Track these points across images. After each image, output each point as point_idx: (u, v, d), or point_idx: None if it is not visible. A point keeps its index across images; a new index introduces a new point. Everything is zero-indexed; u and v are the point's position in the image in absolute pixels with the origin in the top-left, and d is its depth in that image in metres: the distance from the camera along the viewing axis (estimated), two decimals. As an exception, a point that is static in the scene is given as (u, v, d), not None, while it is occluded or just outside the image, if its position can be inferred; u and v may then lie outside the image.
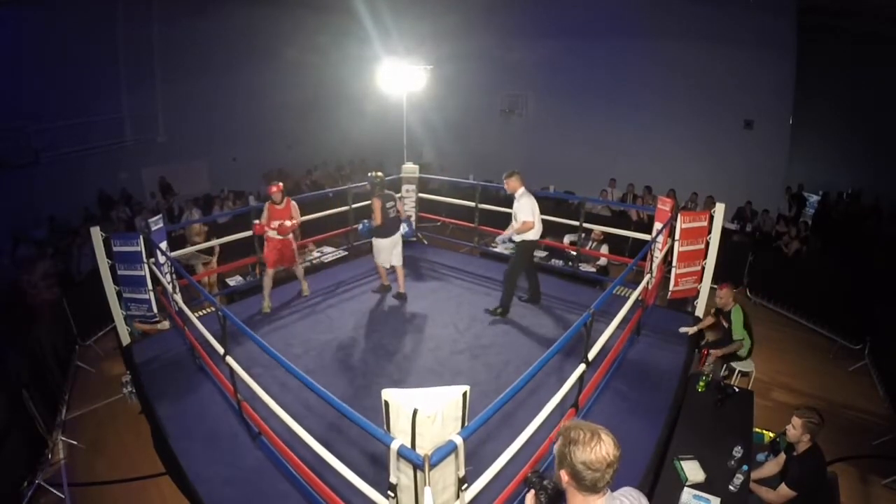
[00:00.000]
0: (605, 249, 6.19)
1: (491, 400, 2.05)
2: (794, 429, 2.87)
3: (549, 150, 11.41)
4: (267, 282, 4.99)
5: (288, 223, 4.83)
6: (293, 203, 4.98)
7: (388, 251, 4.98)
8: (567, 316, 4.86)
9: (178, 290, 4.40)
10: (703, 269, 4.59)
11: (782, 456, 3.11)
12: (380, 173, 4.95)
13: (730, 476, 2.81)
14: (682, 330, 4.48)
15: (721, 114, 9.21)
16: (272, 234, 4.82)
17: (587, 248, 6.17)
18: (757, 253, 7.24)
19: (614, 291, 4.04)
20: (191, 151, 10.55)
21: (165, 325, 4.75)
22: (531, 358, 2.46)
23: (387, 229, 4.88)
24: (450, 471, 1.81)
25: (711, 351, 4.25)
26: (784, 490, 2.81)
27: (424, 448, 1.71)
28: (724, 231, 4.63)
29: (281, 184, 4.91)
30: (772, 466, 3.16)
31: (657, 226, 4.90)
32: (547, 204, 8.21)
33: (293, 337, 4.51)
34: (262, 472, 2.94)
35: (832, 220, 8.99)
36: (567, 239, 6.37)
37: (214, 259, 5.92)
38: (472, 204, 6.29)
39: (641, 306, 4.37)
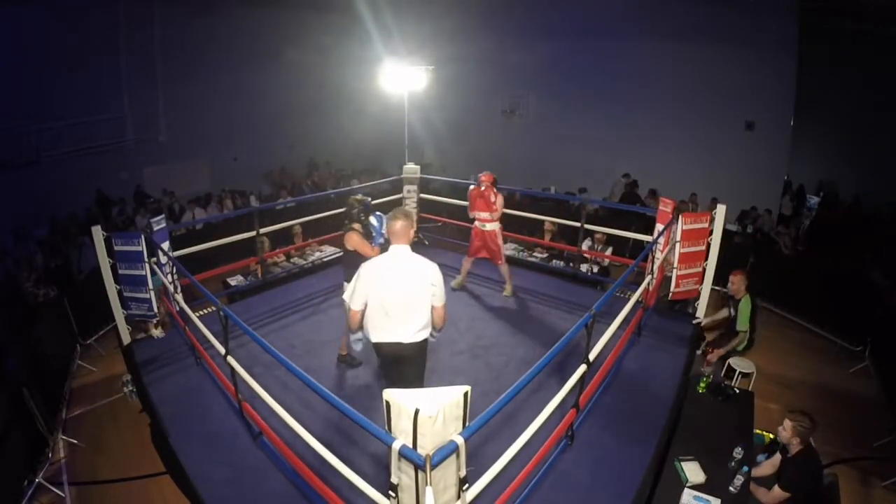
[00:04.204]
0: (609, 251, 6.18)
1: (492, 400, 2.05)
2: (785, 431, 2.90)
3: (550, 151, 11.42)
4: None
5: None
6: None
7: None
8: (568, 317, 4.86)
9: (179, 289, 4.40)
10: (704, 270, 4.59)
11: (777, 456, 3.12)
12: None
13: (730, 477, 2.81)
14: (696, 321, 4.45)
15: (722, 115, 9.21)
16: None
17: (592, 249, 6.16)
18: (757, 254, 7.24)
19: (615, 292, 4.03)
20: (192, 151, 10.55)
21: (159, 332, 4.66)
22: (532, 358, 2.46)
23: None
24: (451, 471, 1.81)
25: (713, 351, 4.23)
26: (777, 491, 2.82)
27: (426, 448, 1.71)
28: (725, 232, 4.62)
29: None
30: (767, 467, 3.17)
31: (658, 227, 4.91)
32: (548, 205, 8.29)
33: (295, 337, 4.51)
34: (262, 472, 2.94)
35: (833, 220, 8.99)
36: (585, 245, 6.20)
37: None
38: (473, 204, 6.28)
39: (642, 307, 4.37)
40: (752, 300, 4.23)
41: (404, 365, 2.84)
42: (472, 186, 5.04)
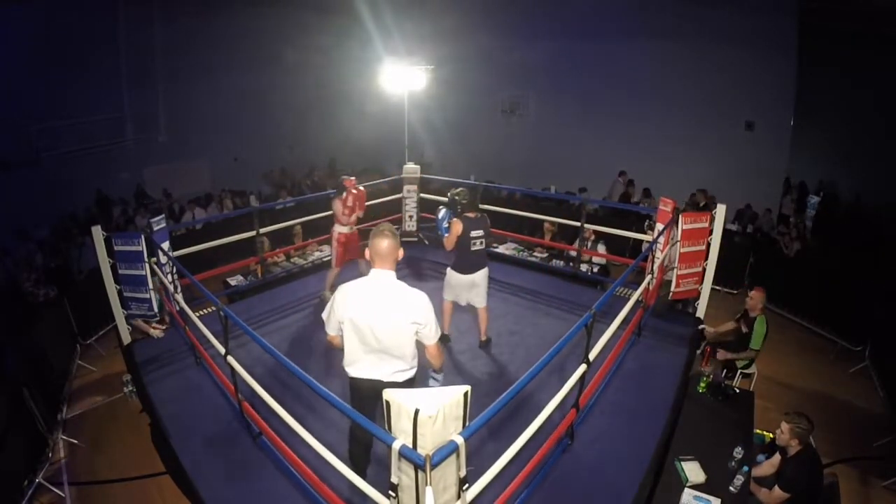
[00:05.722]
0: (602, 248, 6.16)
1: (492, 400, 2.05)
2: (783, 433, 2.90)
3: (550, 151, 11.41)
4: None
5: None
6: None
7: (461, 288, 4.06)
8: (568, 316, 4.85)
9: (179, 289, 4.40)
10: (705, 270, 4.59)
11: (777, 456, 3.12)
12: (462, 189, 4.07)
13: (730, 477, 2.81)
14: (701, 327, 4.45)
15: (722, 115, 9.20)
16: None
17: (582, 247, 6.15)
18: (758, 254, 7.24)
19: (615, 292, 4.03)
20: (192, 151, 10.56)
21: (158, 333, 4.62)
22: (532, 358, 2.46)
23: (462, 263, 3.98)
24: (451, 471, 1.81)
25: (719, 350, 4.18)
26: (777, 492, 2.82)
27: (426, 448, 1.71)
28: (725, 232, 4.62)
29: None
30: (767, 467, 3.18)
31: (658, 226, 4.90)
32: (548, 205, 8.29)
33: (295, 337, 4.50)
34: (262, 472, 2.94)
35: (833, 220, 8.99)
36: (577, 243, 6.19)
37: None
38: (473, 204, 6.28)
39: (642, 307, 4.37)
40: (767, 321, 4.24)
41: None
42: (351, 191, 4.83)
